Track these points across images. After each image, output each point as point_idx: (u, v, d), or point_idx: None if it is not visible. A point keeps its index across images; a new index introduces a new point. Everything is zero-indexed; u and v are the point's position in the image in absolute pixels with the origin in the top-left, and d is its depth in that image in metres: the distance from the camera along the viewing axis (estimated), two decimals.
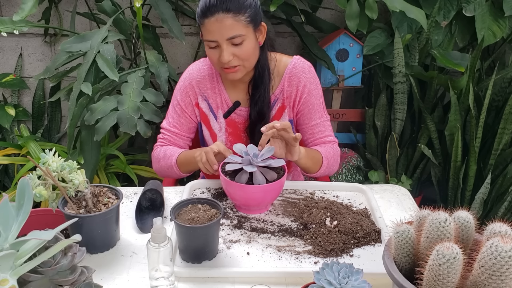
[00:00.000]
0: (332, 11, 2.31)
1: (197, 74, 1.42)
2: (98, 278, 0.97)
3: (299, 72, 1.39)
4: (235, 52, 1.25)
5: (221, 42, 1.24)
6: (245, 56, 1.27)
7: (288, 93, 1.40)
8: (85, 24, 2.31)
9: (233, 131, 1.44)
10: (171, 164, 1.38)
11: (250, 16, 1.24)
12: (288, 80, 1.39)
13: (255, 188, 1.15)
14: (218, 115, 1.43)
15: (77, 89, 1.66)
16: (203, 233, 0.99)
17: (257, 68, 1.36)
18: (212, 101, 1.43)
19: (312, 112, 1.42)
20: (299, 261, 1.04)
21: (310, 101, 1.41)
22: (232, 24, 1.22)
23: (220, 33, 1.22)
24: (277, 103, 1.41)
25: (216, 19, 1.21)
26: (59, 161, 1.01)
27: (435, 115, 2.11)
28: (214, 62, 1.30)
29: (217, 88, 1.42)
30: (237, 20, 1.22)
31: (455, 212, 0.83)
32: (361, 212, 1.21)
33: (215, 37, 1.23)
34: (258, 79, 1.37)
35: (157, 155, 1.43)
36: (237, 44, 1.24)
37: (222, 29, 1.22)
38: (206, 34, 1.25)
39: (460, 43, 2.14)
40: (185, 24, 2.30)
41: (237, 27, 1.22)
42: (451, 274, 0.71)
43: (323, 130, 1.43)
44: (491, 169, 1.98)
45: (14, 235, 0.70)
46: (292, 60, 1.40)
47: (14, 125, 2.35)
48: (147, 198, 1.23)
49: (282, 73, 1.40)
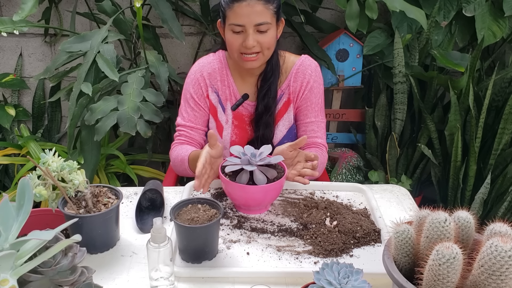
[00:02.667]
0: (332, 11, 2.31)
1: (208, 66, 1.44)
2: (98, 278, 0.97)
3: (306, 69, 1.42)
4: (259, 39, 1.29)
5: (248, 27, 1.27)
6: (268, 44, 1.31)
7: (294, 88, 1.43)
8: (85, 24, 2.31)
9: (239, 124, 1.46)
10: (184, 168, 1.39)
11: (276, 7, 1.30)
12: (295, 76, 1.43)
13: (255, 188, 1.15)
14: (226, 107, 1.46)
15: (77, 89, 1.66)
16: (203, 233, 1.00)
17: (270, 63, 1.39)
18: (222, 93, 1.45)
19: (309, 109, 1.44)
20: (299, 261, 1.04)
21: (310, 98, 1.43)
22: (262, 10, 1.26)
23: (249, 18, 1.26)
24: (283, 98, 1.44)
25: (248, 3, 1.25)
26: (59, 161, 1.01)
27: (435, 115, 2.11)
28: (235, 47, 1.31)
29: (226, 81, 1.44)
30: (267, 8, 1.27)
31: (455, 212, 0.83)
32: (361, 212, 1.21)
33: (243, 21, 1.26)
34: (269, 73, 1.40)
35: (173, 155, 1.44)
36: (263, 31, 1.28)
37: (252, 14, 1.25)
38: (234, 18, 1.27)
39: (460, 43, 2.14)
40: (185, 24, 2.30)
41: (266, 14, 1.27)
42: (451, 274, 0.71)
43: (316, 130, 1.45)
44: (491, 169, 1.98)
45: (14, 235, 0.70)
46: (301, 58, 1.44)
47: (14, 125, 2.34)
48: (147, 198, 1.23)
49: (290, 69, 1.43)
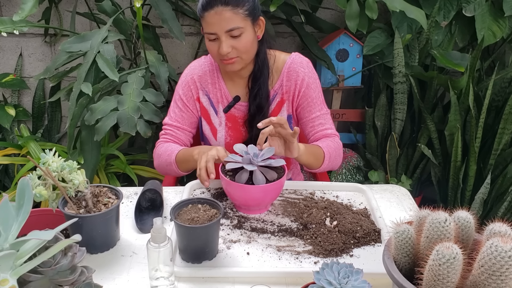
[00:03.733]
0: (332, 11, 2.31)
1: (199, 69, 1.45)
2: (98, 278, 0.97)
3: (298, 67, 1.42)
4: (233, 44, 1.28)
5: (220, 34, 1.27)
6: (243, 48, 1.30)
7: (287, 87, 1.43)
8: (85, 24, 2.31)
9: (232, 125, 1.46)
10: (170, 161, 1.39)
11: (248, 10, 1.27)
12: (287, 75, 1.42)
13: (255, 188, 1.15)
14: (219, 110, 1.46)
15: (77, 89, 1.66)
16: (203, 233, 0.99)
17: (257, 63, 1.39)
18: (213, 96, 1.46)
19: (312, 105, 1.43)
20: (299, 261, 1.04)
21: (309, 94, 1.43)
22: (231, 16, 1.25)
23: (219, 25, 1.26)
24: (276, 98, 1.44)
25: (215, 12, 1.25)
26: (59, 161, 1.01)
27: (435, 115, 2.11)
28: (213, 54, 1.33)
29: (217, 83, 1.45)
30: (236, 13, 1.25)
31: (455, 212, 0.83)
32: (361, 212, 1.21)
33: (214, 30, 1.27)
34: (258, 73, 1.40)
35: (158, 151, 1.44)
36: (236, 36, 1.28)
37: (221, 22, 1.25)
38: (206, 27, 1.28)
39: (460, 43, 2.14)
40: (185, 24, 2.30)
41: (235, 19, 1.26)
42: (451, 274, 0.71)
43: (323, 123, 1.44)
44: (491, 169, 1.98)
45: (14, 235, 0.70)
46: (291, 56, 1.43)
47: (14, 125, 2.35)
48: (147, 198, 1.23)
49: (281, 68, 1.43)
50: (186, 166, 1.38)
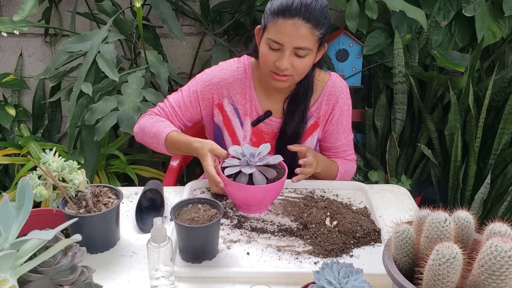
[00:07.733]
0: (332, 11, 2.30)
1: (230, 75, 1.34)
2: (98, 278, 0.97)
3: (338, 92, 1.37)
4: (294, 62, 1.20)
5: (286, 48, 1.18)
6: (301, 70, 1.23)
7: (324, 111, 1.38)
8: (85, 24, 2.31)
9: (257, 140, 1.38)
10: (159, 134, 1.28)
11: (322, 34, 1.20)
12: (327, 99, 1.37)
13: (255, 188, 1.15)
14: (245, 123, 1.37)
15: (77, 89, 1.66)
16: (203, 233, 1.00)
17: (303, 85, 1.32)
18: (241, 107, 1.36)
19: (341, 132, 1.42)
20: (299, 261, 1.04)
21: (341, 121, 1.40)
22: (306, 35, 1.17)
23: (291, 38, 1.17)
24: (311, 120, 1.39)
25: (293, 23, 1.15)
26: (59, 161, 1.01)
27: (435, 115, 2.11)
28: (267, 63, 1.23)
29: (248, 94, 1.35)
30: (313, 33, 1.18)
31: (455, 212, 0.83)
32: (361, 212, 1.21)
33: (283, 41, 1.17)
34: (302, 96, 1.33)
35: (148, 121, 1.33)
36: (300, 56, 1.20)
37: (295, 36, 1.16)
38: (274, 33, 1.18)
39: (460, 43, 2.14)
40: (185, 24, 2.30)
41: (309, 39, 1.18)
42: (451, 274, 0.71)
43: (346, 150, 1.46)
44: (491, 169, 1.98)
45: (14, 235, 0.70)
46: (331, 78, 1.37)
47: (15, 125, 2.35)
48: (147, 198, 1.23)
49: (320, 90, 1.36)
50: (177, 150, 1.30)
